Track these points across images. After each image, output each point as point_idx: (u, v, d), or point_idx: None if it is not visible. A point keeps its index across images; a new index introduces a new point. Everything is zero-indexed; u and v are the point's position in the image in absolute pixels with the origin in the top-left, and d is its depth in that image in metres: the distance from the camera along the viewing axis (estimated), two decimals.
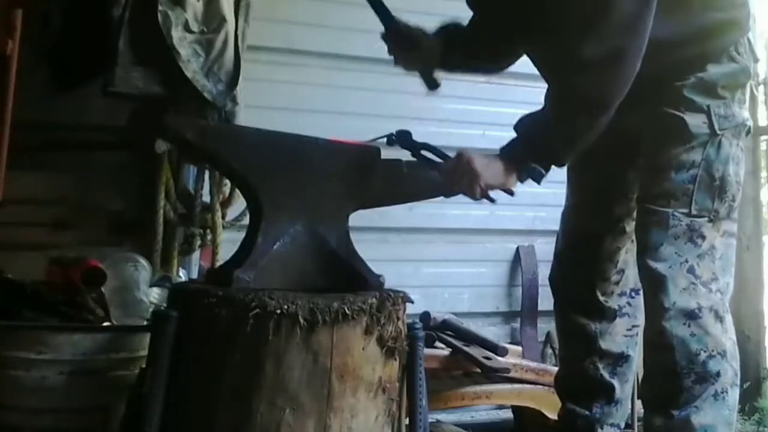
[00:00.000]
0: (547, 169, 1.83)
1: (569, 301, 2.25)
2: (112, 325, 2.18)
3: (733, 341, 1.98)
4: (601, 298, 2.19)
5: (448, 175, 1.85)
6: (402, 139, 1.96)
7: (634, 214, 2.13)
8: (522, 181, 1.84)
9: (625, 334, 2.22)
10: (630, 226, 2.16)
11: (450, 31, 2.18)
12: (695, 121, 1.94)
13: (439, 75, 2.14)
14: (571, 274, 2.24)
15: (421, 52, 2.12)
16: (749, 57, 2.03)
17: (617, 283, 2.20)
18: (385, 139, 1.96)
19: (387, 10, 2.08)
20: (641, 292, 2.13)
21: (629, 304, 2.22)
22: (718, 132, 1.95)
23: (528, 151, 1.82)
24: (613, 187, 2.17)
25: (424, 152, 1.94)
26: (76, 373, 1.91)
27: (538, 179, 1.83)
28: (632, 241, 2.17)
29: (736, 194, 2.01)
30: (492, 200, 1.86)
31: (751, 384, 3.68)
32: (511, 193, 1.86)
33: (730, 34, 1.99)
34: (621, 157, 2.14)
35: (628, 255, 2.19)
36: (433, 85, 2.15)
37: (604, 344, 2.21)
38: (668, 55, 1.85)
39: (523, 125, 1.85)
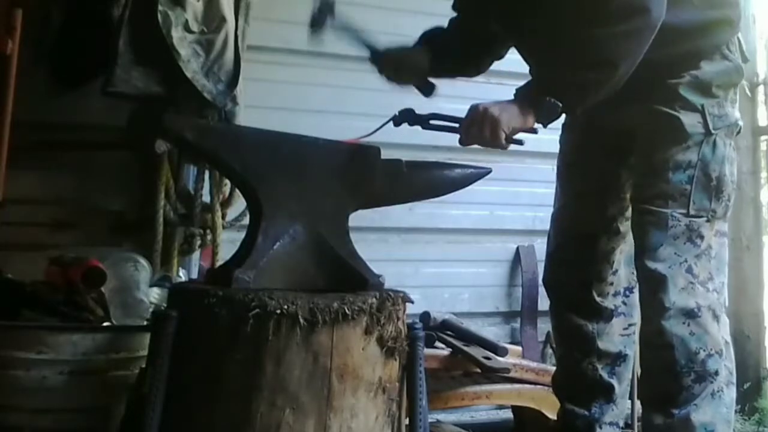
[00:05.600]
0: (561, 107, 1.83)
1: (565, 302, 2.25)
2: (112, 325, 2.18)
3: (727, 341, 2.00)
4: (598, 299, 2.19)
5: (469, 129, 1.86)
6: (407, 116, 1.99)
7: (627, 213, 2.13)
8: (540, 120, 1.84)
9: (621, 334, 2.23)
10: (624, 226, 2.16)
11: (435, 41, 2.20)
12: (690, 121, 1.95)
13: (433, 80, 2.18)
14: (566, 275, 2.23)
15: (411, 69, 2.16)
16: (740, 56, 2.04)
17: (612, 283, 2.21)
18: (391, 124, 2.00)
19: (371, 45, 2.14)
20: (635, 290, 2.15)
21: (624, 303, 2.23)
22: (713, 131, 1.96)
23: (541, 91, 1.82)
24: (606, 186, 2.17)
25: (433, 122, 1.98)
26: (76, 373, 1.91)
27: (555, 116, 1.83)
28: (625, 240, 2.17)
29: (732, 194, 2.02)
30: (520, 142, 1.88)
31: (751, 384, 3.68)
32: (535, 132, 1.86)
33: (723, 32, 2.00)
34: (614, 156, 2.14)
35: (621, 255, 2.19)
36: (429, 91, 2.19)
37: (602, 344, 2.21)
38: (663, 51, 1.85)
39: (535, 72, 1.89)
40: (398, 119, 2.01)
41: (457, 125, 1.91)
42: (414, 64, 2.16)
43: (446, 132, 1.95)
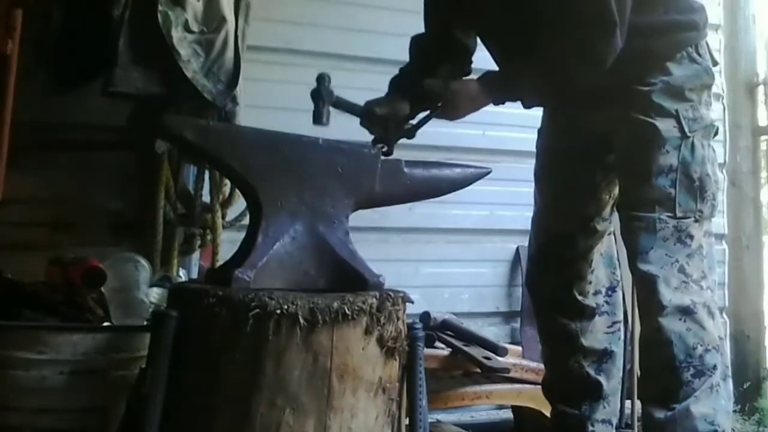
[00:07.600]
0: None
1: (548, 302, 2.29)
2: (112, 325, 2.18)
3: (721, 336, 2.04)
4: (579, 297, 2.23)
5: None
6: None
7: (604, 213, 2.20)
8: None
9: (606, 331, 2.27)
10: (601, 226, 2.21)
11: (409, 86, 2.15)
12: (666, 126, 2.00)
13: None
14: (547, 275, 2.27)
15: (397, 123, 2.10)
16: (710, 60, 2.09)
17: (591, 282, 2.24)
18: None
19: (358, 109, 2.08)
20: (618, 289, 2.24)
21: (607, 302, 2.27)
22: (689, 134, 2.01)
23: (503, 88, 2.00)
24: (581, 187, 2.21)
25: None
26: (76, 373, 1.91)
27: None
28: (602, 240, 2.22)
29: (716, 193, 2.07)
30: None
31: (751, 384, 3.68)
32: None
33: (688, 32, 2.05)
34: (589, 157, 2.19)
35: (598, 255, 2.24)
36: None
37: (587, 342, 2.24)
38: (629, 50, 1.89)
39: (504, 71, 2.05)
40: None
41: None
42: (399, 117, 2.09)
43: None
